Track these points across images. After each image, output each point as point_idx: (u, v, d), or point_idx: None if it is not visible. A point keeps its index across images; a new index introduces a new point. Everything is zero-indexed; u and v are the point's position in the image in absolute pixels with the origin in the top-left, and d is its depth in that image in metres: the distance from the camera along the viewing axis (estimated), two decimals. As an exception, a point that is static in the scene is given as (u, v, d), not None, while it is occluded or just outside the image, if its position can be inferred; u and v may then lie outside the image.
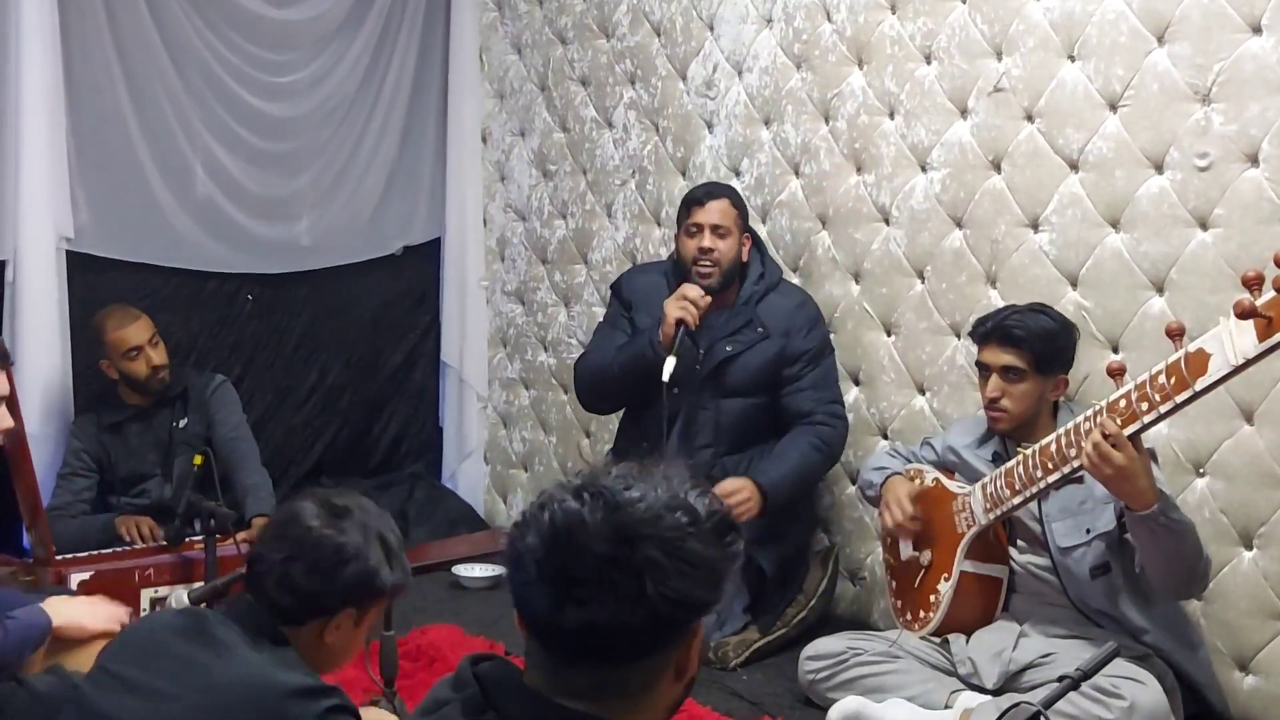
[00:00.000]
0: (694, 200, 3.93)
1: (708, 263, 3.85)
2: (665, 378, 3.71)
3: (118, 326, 4.15)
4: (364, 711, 2.42)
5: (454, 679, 1.52)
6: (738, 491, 3.66)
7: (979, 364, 3.27)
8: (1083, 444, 2.84)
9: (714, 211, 3.88)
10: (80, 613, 2.79)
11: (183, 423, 4.22)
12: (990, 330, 3.23)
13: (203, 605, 2.71)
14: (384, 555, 2.13)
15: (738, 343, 3.87)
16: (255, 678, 1.92)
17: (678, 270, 3.96)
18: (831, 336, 4.06)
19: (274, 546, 2.09)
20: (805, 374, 3.87)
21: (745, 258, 3.93)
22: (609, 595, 1.38)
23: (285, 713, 1.89)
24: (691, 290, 3.78)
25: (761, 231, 4.18)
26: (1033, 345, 3.17)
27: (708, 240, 3.85)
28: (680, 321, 3.74)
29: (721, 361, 3.86)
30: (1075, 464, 2.89)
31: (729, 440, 3.90)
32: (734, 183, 4.28)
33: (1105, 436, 2.78)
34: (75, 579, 3.45)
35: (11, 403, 2.92)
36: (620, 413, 4.17)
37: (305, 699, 1.92)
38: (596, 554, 1.38)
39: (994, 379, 3.20)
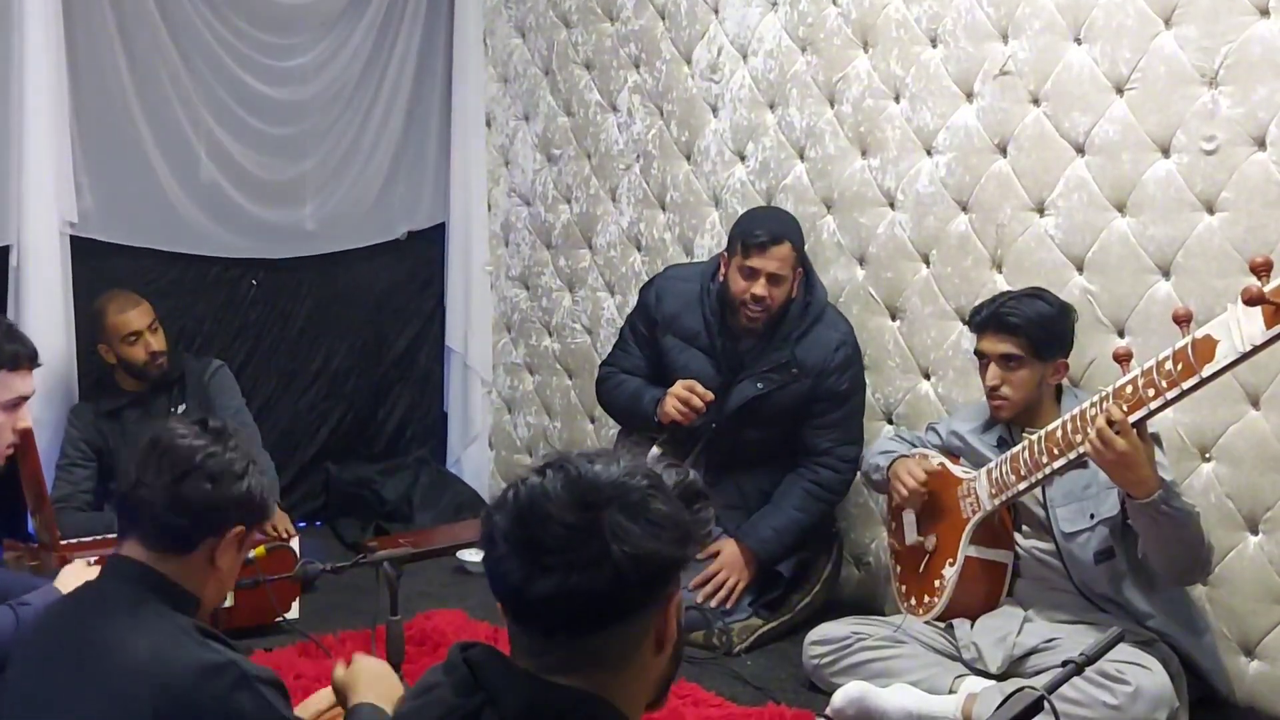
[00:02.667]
0: (755, 244, 3.68)
1: (757, 309, 3.72)
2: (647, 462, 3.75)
3: (119, 310, 4.15)
4: (358, 658, 2.39)
5: (444, 665, 1.55)
6: (720, 575, 3.76)
7: (977, 352, 3.27)
8: (1088, 430, 2.84)
9: (774, 260, 3.68)
10: None
11: (181, 408, 4.21)
12: (986, 318, 3.23)
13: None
14: (260, 476, 2.10)
15: (770, 381, 3.76)
16: (155, 666, 1.86)
17: (720, 295, 3.83)
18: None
19: (156, 470, 2.02)
20: (829, 413, 3.80)
21: (795, 294, 3.78)
22: (575, 560, 1.40)
23: (191, 699, 1.84)
24: (695, 399, 3.72)
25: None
26: (1029, 332, 3.16)
27: (761, 289, 3.68)
28: (675, 421, 3.77)
29: (750, 399, 3.78)
30: (1081, 450, 2.88)
31: (746, 462, 3.88)
32: (738, 167, 4.27)
33: (1110, 423, 2.77)
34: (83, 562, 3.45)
35: None
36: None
37: (210, 678, 1.87)
38: (560, 521, 1.42)
39: (992, 367, 3.20)
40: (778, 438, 3.85)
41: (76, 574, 2.73)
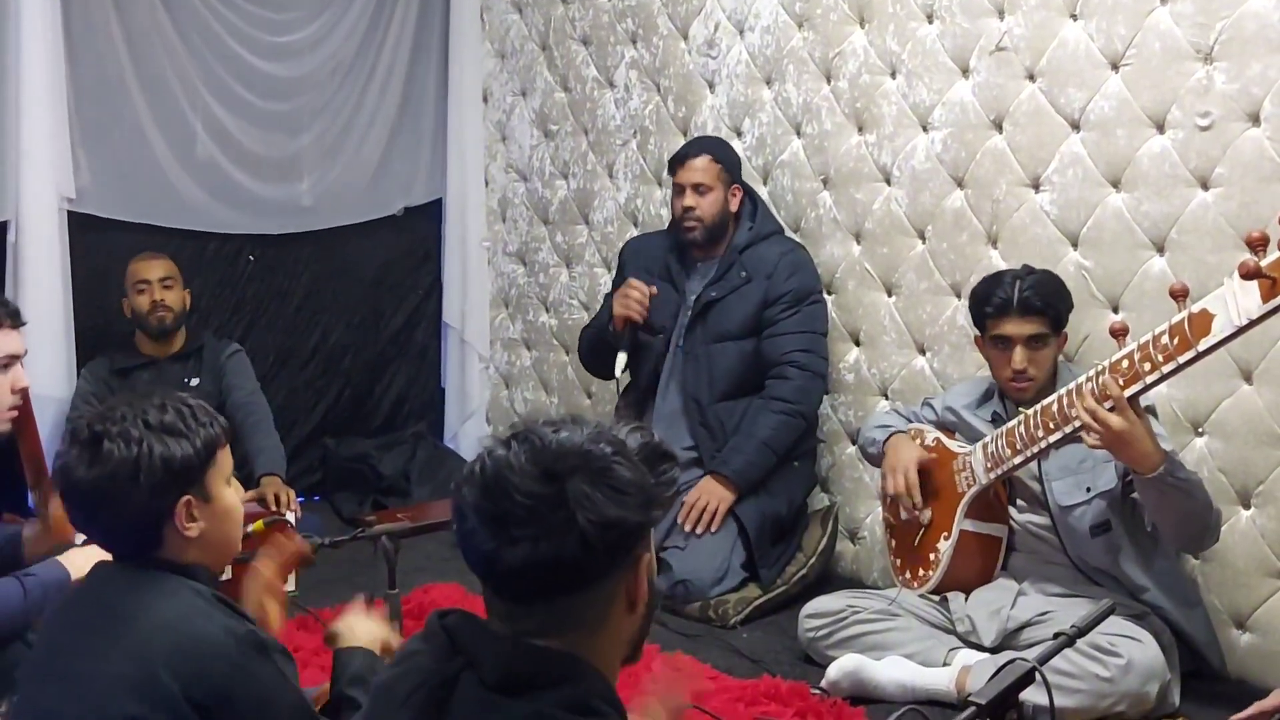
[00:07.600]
0: (676, 159, 4.04)
1: (691, 220, 3.99)
2: (617, 373, 4.05)
3: (137, 260, 4.24)
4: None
5: (423, 633, 1.59)
6: (699, 501, 3.81)
7: (996, 338, 3.20)
8: (1081, 404, 2.85)
9: (694, 170, 3.97)
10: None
11: (194, 381, 4.24)
12: (1004, 302, 3.17)
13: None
14: (169, 435, 1.94)
15: (721, 287, 3.98)
16: (176, 632, 1.86)
17: (673, 227, 4.10)
18: (832, 297, 4.07)
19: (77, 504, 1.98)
20: (784, 317, 3.93)
21: (734, 208, 4.02)
22: (542, 530, 1.44)
23: (209, 663, 1.85)
24: (634, 290, 4.00)
25: (763, 191, 4.18)
26: (1054, 309, 3.17)
27: (689, 199, 3.97)
28: (627, 320, 4.00)
29: (706, 305, 3.97)
30: (1076, 423, 2.89)
31: (722, 387, 3.96)
32: (735, 143, 4.27)
33: (1105, 398, 2.79)
34: (80, 537, 3.45)
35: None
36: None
37: (230, 644, 1.87)
38: (526, 493, 1.45)
39: (1020, 351, 3.15)
40: (750, 357, 3.95)
41: (87, 555, 2.74)
